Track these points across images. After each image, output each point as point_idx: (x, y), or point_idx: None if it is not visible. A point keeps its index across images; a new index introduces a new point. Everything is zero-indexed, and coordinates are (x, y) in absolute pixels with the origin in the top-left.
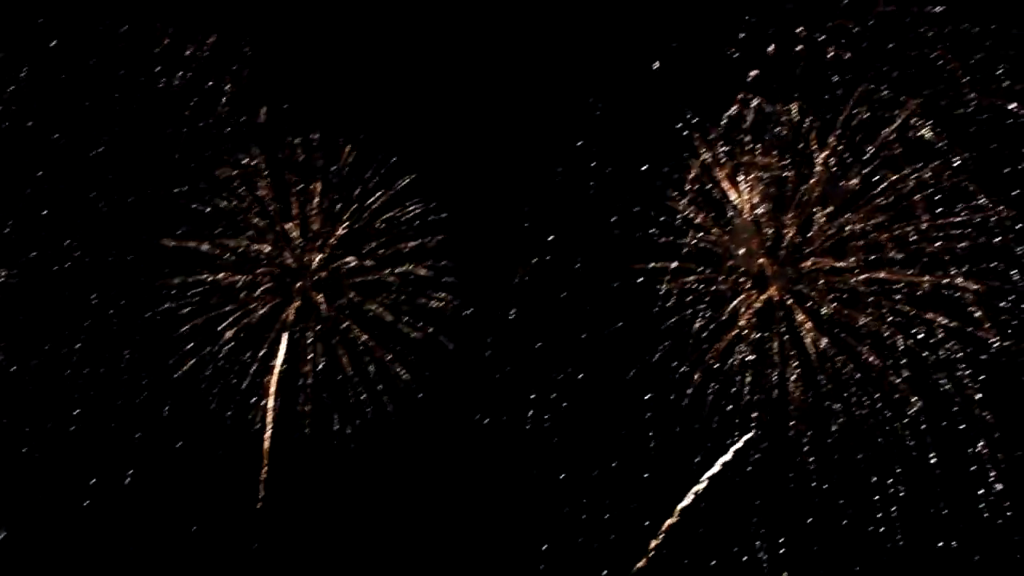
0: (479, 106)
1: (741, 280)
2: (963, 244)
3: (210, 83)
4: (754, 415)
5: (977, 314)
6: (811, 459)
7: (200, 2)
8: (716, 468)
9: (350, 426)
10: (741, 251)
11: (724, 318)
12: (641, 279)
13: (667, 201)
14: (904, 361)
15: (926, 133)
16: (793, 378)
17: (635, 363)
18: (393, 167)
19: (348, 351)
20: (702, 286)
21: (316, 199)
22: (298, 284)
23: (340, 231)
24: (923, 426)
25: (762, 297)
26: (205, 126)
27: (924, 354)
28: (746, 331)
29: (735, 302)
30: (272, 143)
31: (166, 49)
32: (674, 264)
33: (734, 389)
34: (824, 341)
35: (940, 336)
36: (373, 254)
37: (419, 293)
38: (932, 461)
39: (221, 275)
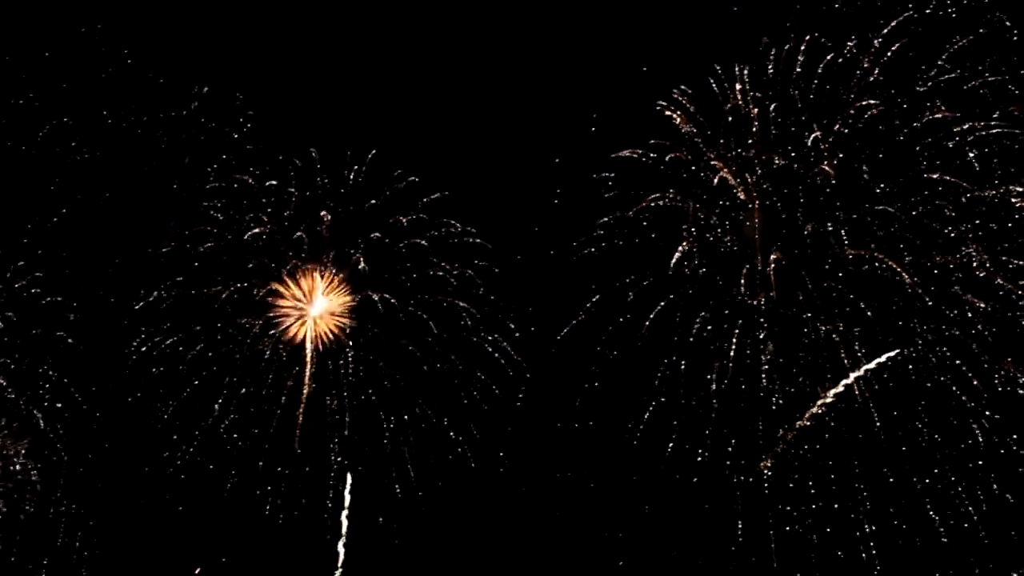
0: (479, 114)
1: (757, 283)
2: (992, 225)
3: (212, 127)
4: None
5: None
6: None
7: (193, 52)
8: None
9: (391, 514)
10: (755, 251)
11: (747, 325)
12: (656, 290)
13: (675, 205)
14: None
15: (940, 115)
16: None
17: (664, 385)
18: (413, 185)
19: (382, 406)
20: (717, 301)
21: (325, 228)
22: (314, 327)
23: (359, 263)
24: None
25: (788, 303)
26: (202, 174)
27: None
28: (771, 341)
29: (757, 304)
30: (268, 175)
31: (163, 103)
32: (689, 271)
33: (763, 394)
34: (858, 346)
35: (979, 322)
36: (399, 286)
37: (461, 329)
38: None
39: (232, 321)
